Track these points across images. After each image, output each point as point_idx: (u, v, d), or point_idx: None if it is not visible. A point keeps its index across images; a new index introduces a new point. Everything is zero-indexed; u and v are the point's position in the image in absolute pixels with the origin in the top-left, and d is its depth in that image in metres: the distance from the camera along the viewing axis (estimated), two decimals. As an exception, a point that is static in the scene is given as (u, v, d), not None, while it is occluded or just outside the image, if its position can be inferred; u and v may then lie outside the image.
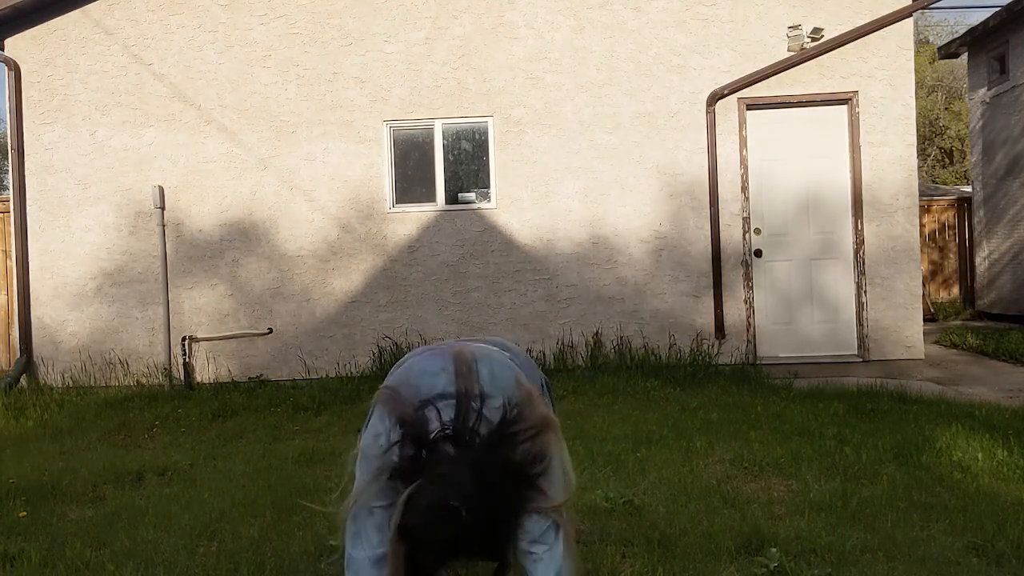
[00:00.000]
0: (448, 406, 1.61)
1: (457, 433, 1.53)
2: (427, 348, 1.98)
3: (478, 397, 1.61)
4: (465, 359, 1.71)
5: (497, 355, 1.88)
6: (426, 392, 1.68)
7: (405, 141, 7.66)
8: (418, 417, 1.59)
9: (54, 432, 5.74)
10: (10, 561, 3.13)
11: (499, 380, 1.73)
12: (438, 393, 1.67)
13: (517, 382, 1.75)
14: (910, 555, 2.91)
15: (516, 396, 1.66)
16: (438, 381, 1.70)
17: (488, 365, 1.77)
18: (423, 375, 1.75)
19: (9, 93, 7.68)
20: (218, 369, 7.61)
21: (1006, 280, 10.90)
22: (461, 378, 1.65)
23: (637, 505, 3.49)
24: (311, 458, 4.69)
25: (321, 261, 7.58)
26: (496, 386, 1.70)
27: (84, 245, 7.65)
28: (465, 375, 1.66)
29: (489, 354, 1.85)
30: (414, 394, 1.68)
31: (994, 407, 5.37)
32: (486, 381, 1.70)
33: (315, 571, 2.98)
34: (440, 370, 1.73)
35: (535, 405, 1.68)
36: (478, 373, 1.69)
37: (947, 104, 25.83)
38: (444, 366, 1.74)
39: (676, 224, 7.38)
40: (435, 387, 1.69)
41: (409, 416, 1.59)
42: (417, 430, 1.55)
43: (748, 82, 7.21)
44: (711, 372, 6.94)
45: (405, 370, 1.84)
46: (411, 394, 1.69)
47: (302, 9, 7.58)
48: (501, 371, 1.77)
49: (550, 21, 7.45)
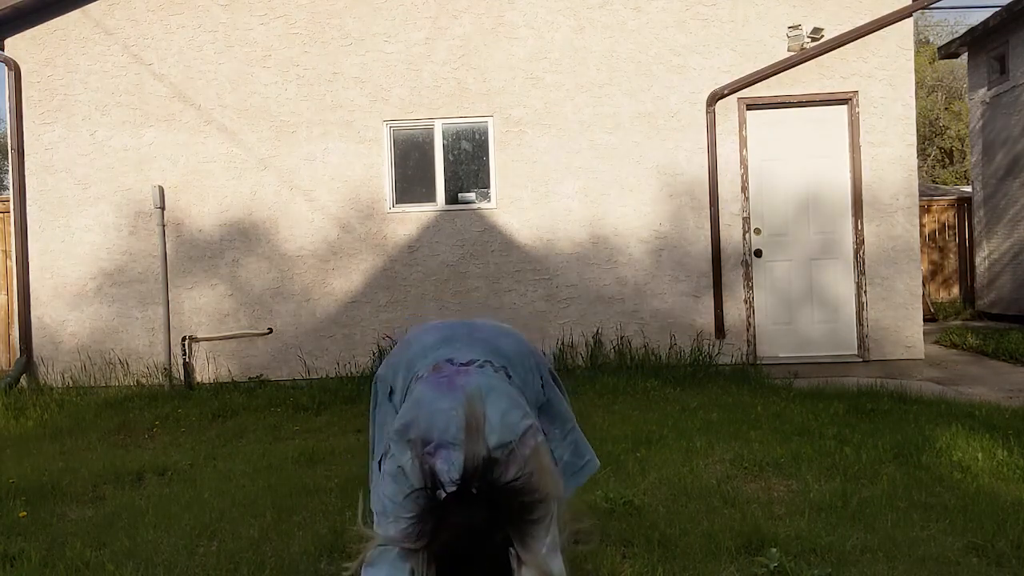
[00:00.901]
0: (457, 458, 1.76)
1: (464, 489, 1.71)
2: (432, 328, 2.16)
3: (485, 456, 1.74)
4: (475, 412, 1.80)
5: (504, 387, 2.01)
6: (438, 436, 1.85)
7: (405, 141, 7.66)
8: (431, 466, 1.78)
9: (54, 432, 5.74)
10: (10, 561, 3.13)
11: (509, 421, 1.89)
12: (448, 441, 1.83)
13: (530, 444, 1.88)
14: (910, 555, 2.91)
15: (531, 465, 1.79)
16: (450, 426, 1.84)
17: (497, 406, 1.90)
18: (434, 415, 1.90)
19: (9, 93, 7.68)
20: (218, 369, 7.61)
21: (1006, 280, 10.91)
22: (470, 437, 1.76)
23: (637, 505, 3.49)
24: (311, 458, 4.69)
25: (321, 261, 7.58)
26: (507, 428, 1.86)
27: (84, 245, 7.65)
28: (474, 432, 1.77)
29: (495, 388, 1.98)
30: (426, 435, 1.86)
31: (994, 407, 5.37)
32: (495, 427, 1.83)
33: (315, 571, 2.98)
34: (451, 409, 1.88)
35: (545, 474, 1.81)
36: (487, 421, 1.82)
37: (947, 104, 25.83)
38: (454, 406, 1.88)
39: (676, 224, 7.38)
40: (446, 432, 1.84)
41: (427, 467, 1.77)
42: (432, 479, 1.74)
43: (748, 82, 7.21)
44: (711, 372, 6.94)
45: (415, 404, 1.97)
46: (423, 435, 1.86)
47: (302, 9, 7.58)
48: (509, 412, 1.92)
49: (550, 21, 7.45)
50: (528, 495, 1.69)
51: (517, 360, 2.23)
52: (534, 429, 1.92)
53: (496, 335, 2.30)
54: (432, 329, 2.36)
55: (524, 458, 1.81)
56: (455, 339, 2.23)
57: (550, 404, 2.35)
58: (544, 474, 1.79)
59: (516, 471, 1.75)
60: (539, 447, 1.88)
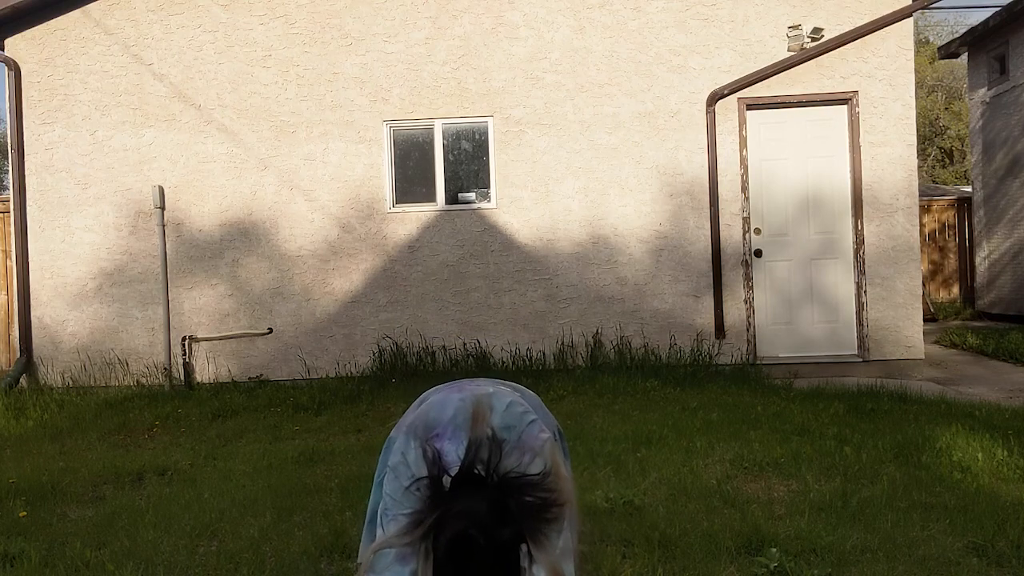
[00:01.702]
0: (463, 440, 1.78)
1: (468, 471, 1.68)
2: (445, 386, 2.18)
3: (490, 436, 1.73)
4: (481, 405, 1.84)
5: (513, 395, 2.05)
6: (443, 423, 1.87)
7: (405, 141, 7.66)
8: (435, 450, 1.75)
9: (54, 432, 5.74)
10: (10, 561, 3.13)
11: (513, 411, 1.92)
12: (454, 425, 1.84)
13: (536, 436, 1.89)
14: (910, 555, 2.91)
15: (548, 464, 1.81)
16: (457, 415, 1.87)
17: (503, 401, 1.94)
18: (442, 408, 1.92)
19: (9, 93, 7.68)
20: (218, 369, 7.61)
21: (1006, 280, 10.90)
22: (476, 425, 1.78)
23: (637, 505, 3.49)
24: (311, 458, 4.68)
25: (321, 261, 7.58)
26: (511, 415, 1.90)
27: (84, 245, 7.65)
28: (480, 421, 1.79)
29: (503, 392, 2.03)
30: (432, 424, 1.87)
31: (994, 407, 5.37)
32: (499, 413, 1.87)
33: (315, 571, 2.98)
34: (458, 402, 1.91)
35: (559, 474, 1.81)
36: (492, 411, 1.86)
37: (947, 104, 25.84)
38: (462, 399, 1.92)
39: (676, 224, 7.38)
40: (454, 419, 1.87)
41: (430, 452, 1.73)
42: (436, 467, 1.71)
43: (748, 82, 7.21)
44: (711, 372, 6.94)
45: (424, 406, 2.02)
46: (428, 423, 1.88)
47: (302, 9, 7.58)
48: (514, 405, 1.96)
49: (550, 21, 7.45)
50: (541, 492, 1.66)
51: (530, 400, 2.31)
52: (539, 423, 1.93)
53: (509, 384, 2.40)
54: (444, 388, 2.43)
55: (540, 456, 1.80)
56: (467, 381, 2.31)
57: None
58: (558, 474, 1.77)
59: (523, 460, 1.75)
60: (552, 448, 1.87)
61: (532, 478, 1.67)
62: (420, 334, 7.48)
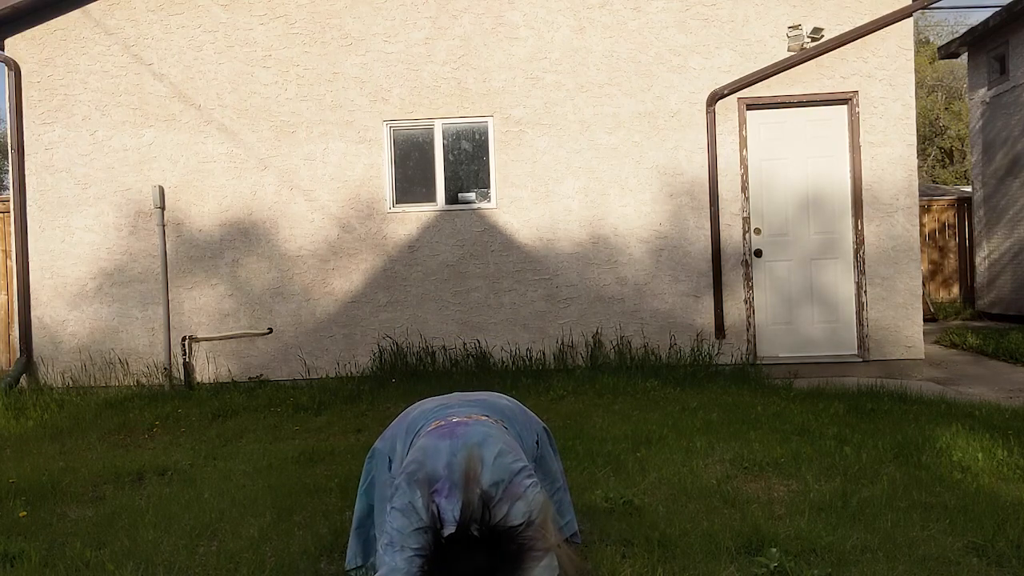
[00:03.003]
0: (457, 503, 1.98)
1: (464, 530, 1.93)
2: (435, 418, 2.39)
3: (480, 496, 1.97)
4: (473, 463, 2.04)
5: (500, 435, 2.24)
6: (441, 479, 2.06)
7: (405, 141, 7.66)
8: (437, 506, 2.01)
9: (54, 432, 5.74)
10: (10, 561, 3.13)
11: (502, 463, 2.11)
12: (451, 484, 2.04)
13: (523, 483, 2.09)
14: (910, 555, 2.90)
15: (533, 511, 2.01)
16: (453, 472, 2.06)
17: (492, 451, 2.13)
18: (438, 458, 2.12)
19: (9, 93, 7.68)
20: (218, 369, 7.61)
21: (1006, 280, 10.90)
22: (467, 487, 1.99)
23: (637, 505, 3.48)
24: (311, 458, 4.68)
25: (321, 261, 7.58)
26: (500, 468, 2.08)
27: (84, 245, 7.65)
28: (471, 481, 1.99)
29: (492, 436, 2.21)
30: (432, 476, 2.07)
31: (994, 407, 5.37)
32: (488, 467, 2.06)
33: (315, 571, 2.98)
34: (452, 454, 2.11)
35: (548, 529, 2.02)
36: (483, 464, 2.06)
37: (947, 104, 25.83)
38: (455, 451, 2.11)
39: (676, 224, 7.38)
40: (451, 476, 2.05)
41: (433, 509, 2.00)
42: (437, 518, 1.99)
43: (748, 82, 7.21)
44: (711, 372, 6.94)
45: (421, 451, 2.19)
46: (429, 475, 2.08)
47: (302, 9, 7.58)
48: (504, 455, 2.14)
49: (550, 21, 7.45)
50: (522, 540, 1.90)
51: (513, 416, 2.52)
52: (527, 470, 2.13)
53: (492, 396, 2.60)
54: (430, 400, 2.64)
55: (523, 499, 2.00)
56: (452, 404, 2.49)
57: (543, 460, 2.65)
58: (543, 522, 1.99)
59: (510, 509, 1.95)
60: (538, 495, 2.07)
61: (516, 528, 1.92)
62: (420, 334, 7.48)
